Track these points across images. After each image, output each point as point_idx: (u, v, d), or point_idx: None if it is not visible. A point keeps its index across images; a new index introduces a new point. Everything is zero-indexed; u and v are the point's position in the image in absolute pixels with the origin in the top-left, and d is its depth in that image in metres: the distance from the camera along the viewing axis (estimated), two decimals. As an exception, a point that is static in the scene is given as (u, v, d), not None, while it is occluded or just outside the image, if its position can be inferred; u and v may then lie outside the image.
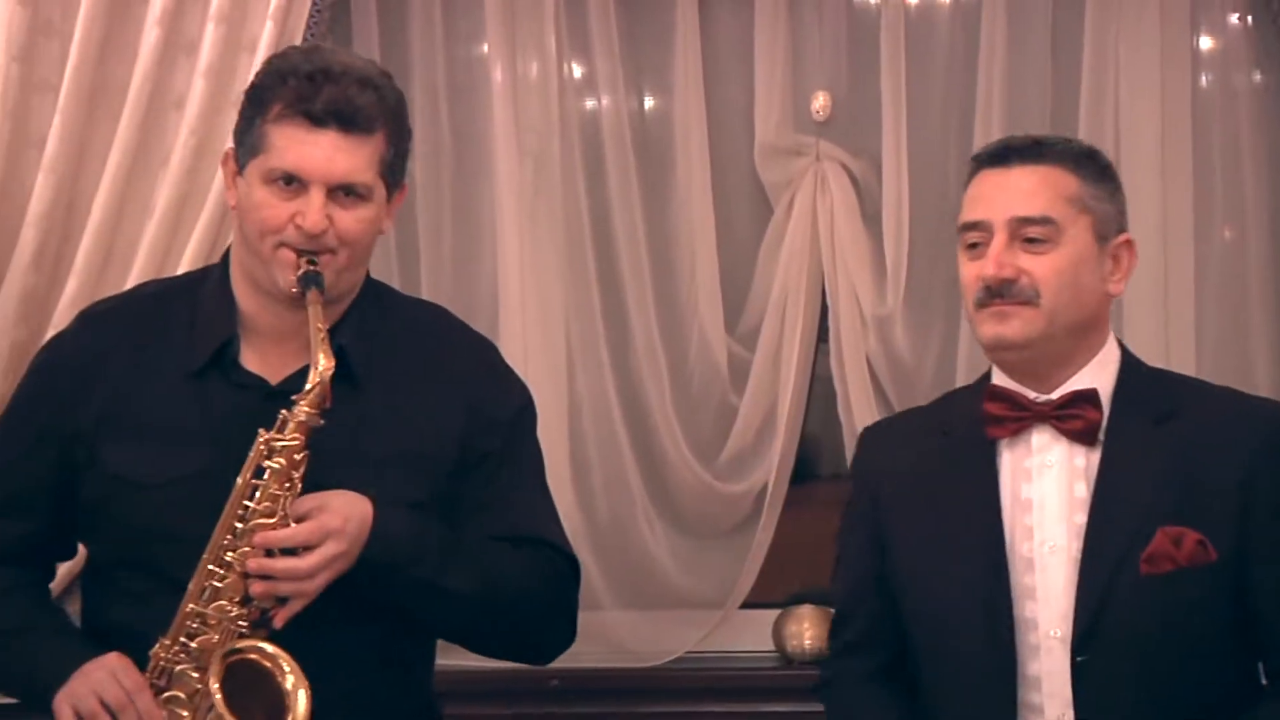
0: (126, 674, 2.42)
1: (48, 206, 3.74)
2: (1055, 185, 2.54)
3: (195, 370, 2.57)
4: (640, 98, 4.14)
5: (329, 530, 2.40)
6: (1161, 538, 2.43)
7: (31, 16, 3.74)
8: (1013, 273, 2.48)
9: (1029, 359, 2.53)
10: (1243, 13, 3.99)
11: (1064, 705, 2.44)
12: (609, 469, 4.08)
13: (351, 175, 2.50)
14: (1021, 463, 2.54)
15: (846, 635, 2.70)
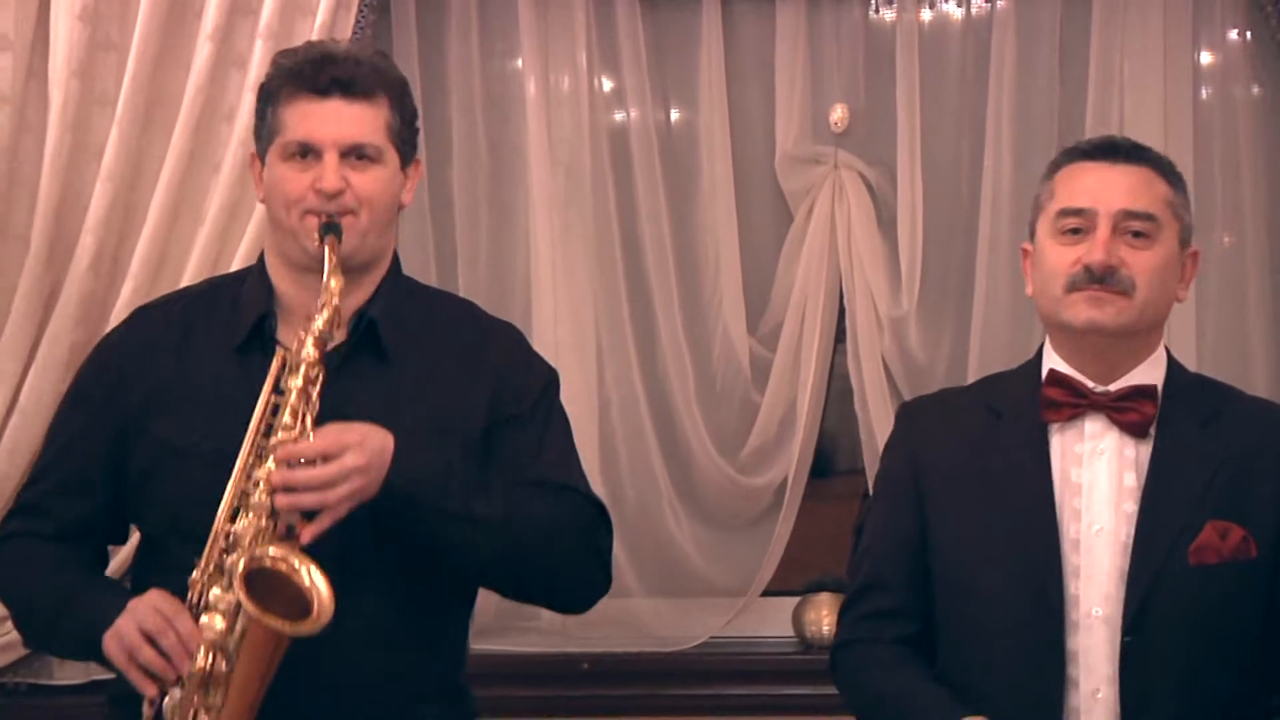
0: (165, 601, 2.42)
1: (105, 213, 3.78)
2: (1155, 187, 2.54)
3: (236, 346, 2.60)
4: (666, 110, 4.16)
5: (346, 442, 2.40)
6: (1210, 531, 2.45)
7: (91, 33, 3.78)
8: (1118, 261, 2.47)
9: (1109, 347, 2.52)
10: (1242, 29, 4.01)
11: (1100, 680, 2.44)
12: (636, 463, 4.10)
13: (360, 136, 2.55)
14: (1072, 448, 2.53)
15: (872, 604, 2.65)
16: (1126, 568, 2.44)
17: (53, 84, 3.79)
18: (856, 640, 2.65)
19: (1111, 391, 2.52)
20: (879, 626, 2.62)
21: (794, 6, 4.06)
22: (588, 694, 4.01)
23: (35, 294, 3.80)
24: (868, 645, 2.62)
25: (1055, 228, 2.53)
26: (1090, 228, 2.49)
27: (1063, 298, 2.49)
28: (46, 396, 3.75)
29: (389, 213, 2.62)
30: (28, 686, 3.88)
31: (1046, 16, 4.03)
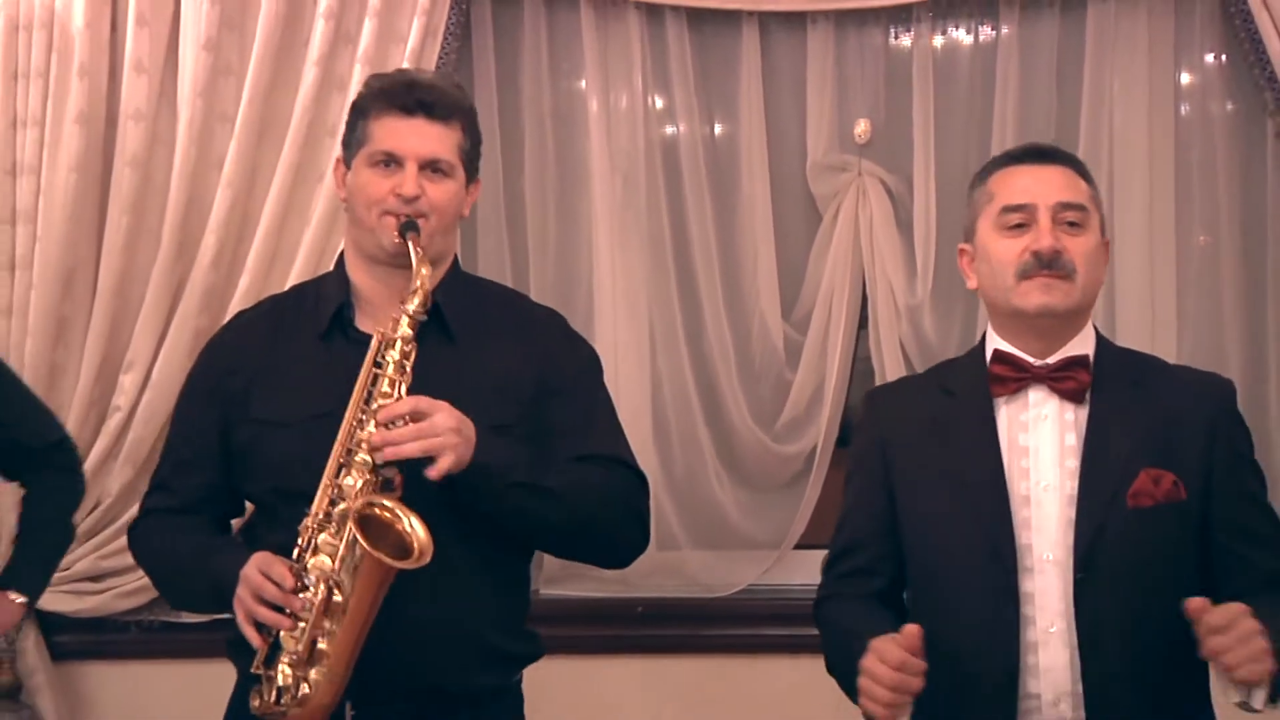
0: (262, 560, 2.45)
1: (225, 216, 3.90)
2: (1079, 183, 2.55)
3: (320, 334, 2.66)
4: (711, 124, 4.18)
5: (437, 405, 2.45)
6: (1144, 478, 2.45)
7: (213, 60, 3.89)
8: (1062, 247, 2.46)
9: (1052, 327, 2.52)
10: (1218, 52, 4.03)
11: (1054, 616, 2.43)
12: (684, 433, 4.15)
13: (437, 152, 2.62)
14: (1018, 416, 2.53)
15: (850, 563, 2.65)
16: (1073, 516, 2.45)
17: (181, 104, 3.91)
18: (835, 595, 2.66)
19: (1050, 364, 2.53)
20: (855, 582, 2.63)
21: (823, 32, 4.08)
22: (641, 634, 4.09)
23: (166, 285, 3.91)
24: (844, 599, 2.63)
25: (999, 224, 2.52)
26: (1031, 221, 2.49)
27: (1015, 286, 2.49)
28: (175, 372, 3.83)
29: (453, 221, 2.69)
30: (160, 624, 3.98)
31: (1044, 41, 4.05)
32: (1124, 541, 2.44)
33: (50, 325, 3.89)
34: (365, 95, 2.71)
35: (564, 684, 3.74)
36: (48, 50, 3.89)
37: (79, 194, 3.89)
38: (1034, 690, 2.45)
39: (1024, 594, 2.46)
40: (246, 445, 2.66)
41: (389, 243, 2.60)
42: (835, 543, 2.70)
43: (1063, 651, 2.43)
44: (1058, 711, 2.44)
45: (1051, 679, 2.44)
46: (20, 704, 3.92)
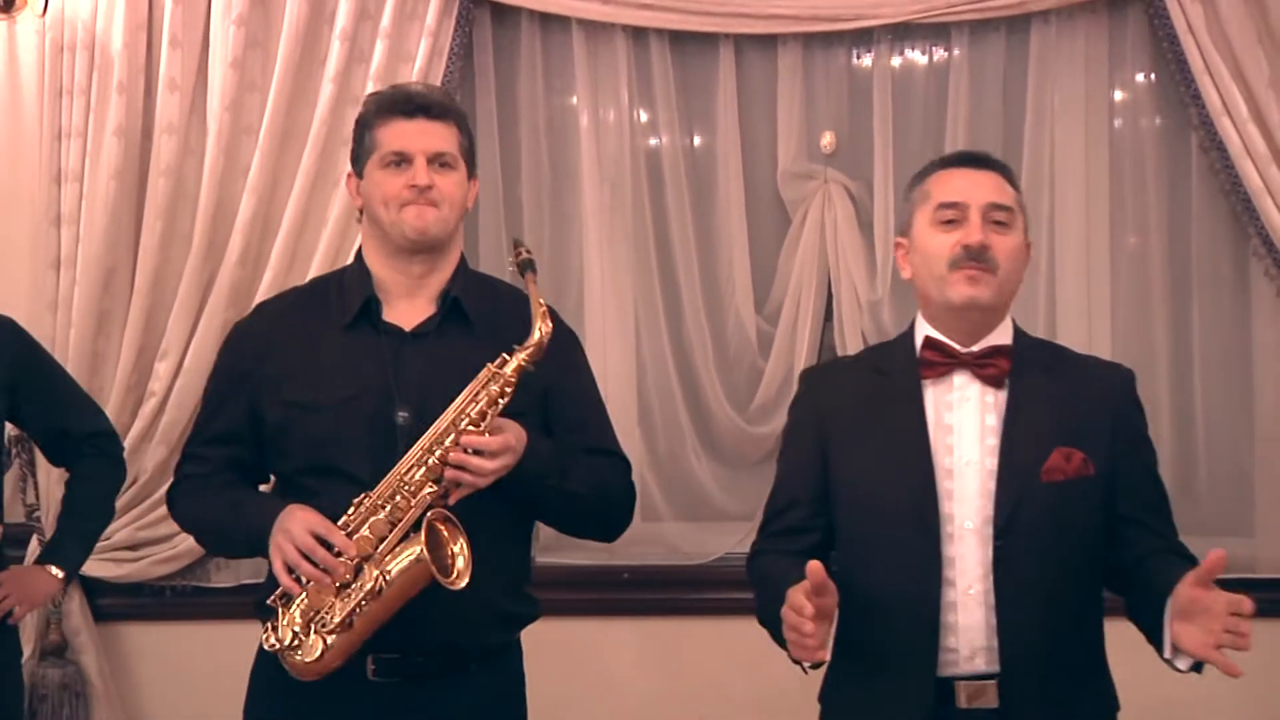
0: (319, 521, 2.49)
1: (250, 218, 3.95)
2: (1007, 188, 2.57)
3: (346, 324, 2.67)
4: (691, 136, 4.20)
5: (510, 448, 2.52)
6: (1057, 455, 2.49)
7: (240, 77, 3.95)
8: (990, 242, 2.49)
9: (979, 317, 2.54)
10: (1147, 71, 4.09)
11: (971, 579, 2.46)
12: (666, 415, 4.19)
13: (441, 146, 2.66)
14: (944, 397, 2.55)
15: (782, 524, 2.66)
16: (993, 488, 2.48)
17: (210, 117, 3.96)
18: (766, 550, 2.67)
19: (975, 352, 2.55)
20: (786, 539, 2.64)
21: (792, 53, 4.11)
22: (627, 597, 4.12)
23: (196, 282, 3.97)
24: (774, 554, 2.64)
25: (934, 219, 2.54)
26: (963, 218, 2.51)
27: (946, 275, 2.51)
28: (204, 361, 3.87)
29: (461, 210, 2.71)
30: (191, 588, 4.04)
31: (992, 62, 4.10)
32: (1038, 512, 2.47)
33: (92, 318, 3.94)
34: (368, 110, 2.74)
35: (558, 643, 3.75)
36: (89, 69, 3.94)
37: (118, 200, 3.94)
38: (952, 645, 2.48)
39: (946, 558, 2.49)
40: (280, 426, 2.68)
41: (410, 230, 2.63)
42: (770, 504, 2.73)
43: (979, 611, 2.47)
44: (973, 665, 2.48)
45: (969, 636, 2.47)
46: (66, 660, 4.00)
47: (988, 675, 2.48)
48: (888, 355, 2.71)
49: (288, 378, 2.68)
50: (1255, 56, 3.81)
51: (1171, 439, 4.05)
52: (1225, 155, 3.88)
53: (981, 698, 2.48)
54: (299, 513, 2.54)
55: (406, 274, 2.69)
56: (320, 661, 2.51)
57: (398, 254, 2.69)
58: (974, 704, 2.48)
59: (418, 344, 2.66)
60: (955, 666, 2.49)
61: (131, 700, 4.12)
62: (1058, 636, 2.48)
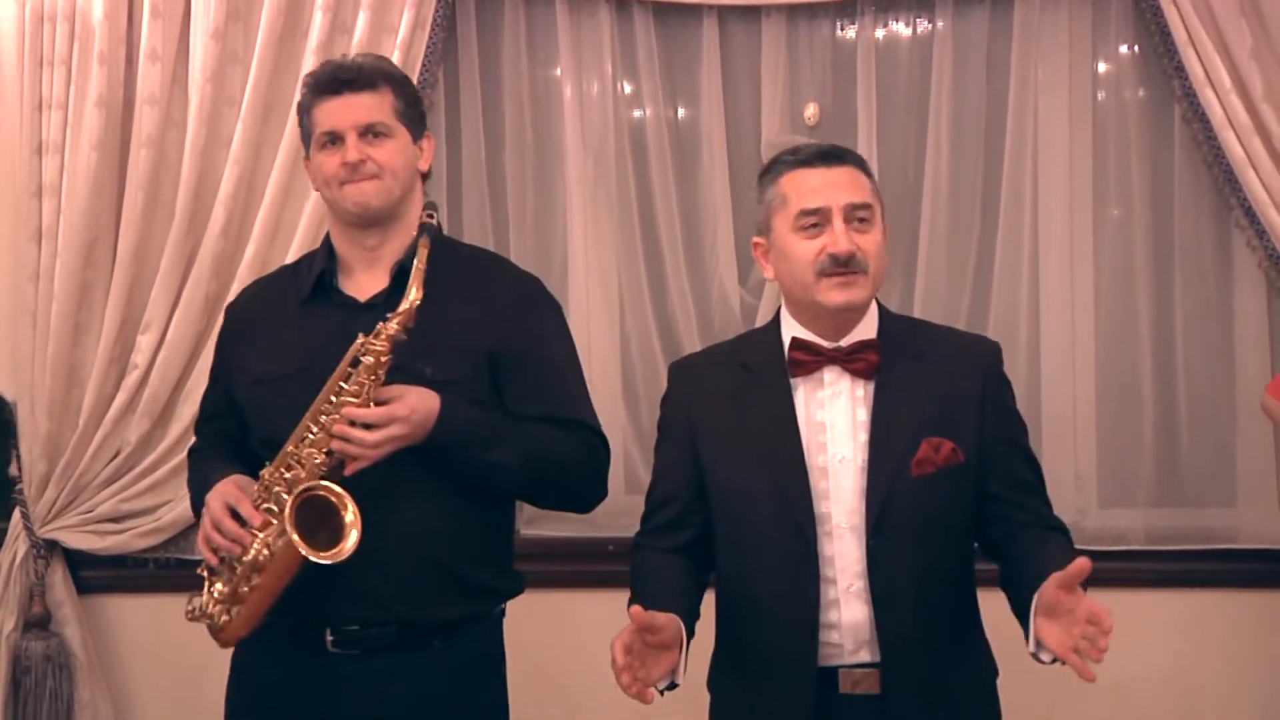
0: (233, 491, 2.57)
1: (233, 190, 3.91)
2: (863, 181, 2.55)
3: (304, 299, 2.72)
4: (675, 109, 4.18)
5: (395, 417, 2.51)
6: (925, 447, 2.48)
7: (221, 49, 3.91)
8: (855, 247, 2.47)
9: (851, 319, 2.53)
10: (1131, 43, 4.06)
11: (852, 577, 2.46)
12: (650, 388, 4.12)
13: (370, 117, 2.65)
14: (814, 394, 2.53)
15: (658, 519, 2.67)
16: (865, 486, 2.47)
17: (192, 88, 3.92)
18: (644, 546, 2.67)
19: (843, 347, 2.53)
20: (662, 535, 2.65)
21: (776, 25, 4.09)
22: (612, 569, 3.73)
23: (179, 253, 3.93)
24: (650, 550, 2.65)
25: (795, 225, 2.51)
26: (825, 222, 2.48)
27: (814, 283, 2.48)
28: (187, 334, 3.91)
29: (409, 175, 2.71)
30: (175, 560, 4.01)
31: (976, 34, 4.07)
32: (909, 507, 2.47)
33: (74, 290, 3.91)
34: (304, 92, 2.76)
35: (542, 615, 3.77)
36: (70, 40, 3.90)
37: (99, 171, 3.90)
38: (835, 640, 2.49)
39: (824, 557, 2.49)
40: (245, 403, 2.75)
41: (352, 205, 2.65)
42: (649, 499, 2.72)
43: (861, 607, 2.47)
44: (857, 657, 2.49)
45: (852, 632, 2.48)
46: (50, 632, 3.99)
47: (871, 664, 2.49)
48: (753, 350, 2.66)
49: (253, 355, 2.75)
50: (1239, 28, 3.78)
51: (1154, 410, 4.05)
52: (1208, 127, 3.86)
53: (864, 684, 2.50)
54: (222, 485, 2.60)
55: (362, 246, 2.72)
56: (225, 631, 2.60)
57: (350, 228, 2.72)
58: (857, 690, 2.50)
59: (371, 315, 2.63)
60: (840, 659, 2.50)
61: (115, 672, 4.11)
62: (934, 622, 2.49)
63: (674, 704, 4.02)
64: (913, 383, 2.52)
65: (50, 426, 3.90)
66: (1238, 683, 3.98)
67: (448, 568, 2.63)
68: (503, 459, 2.63)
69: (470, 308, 2.69)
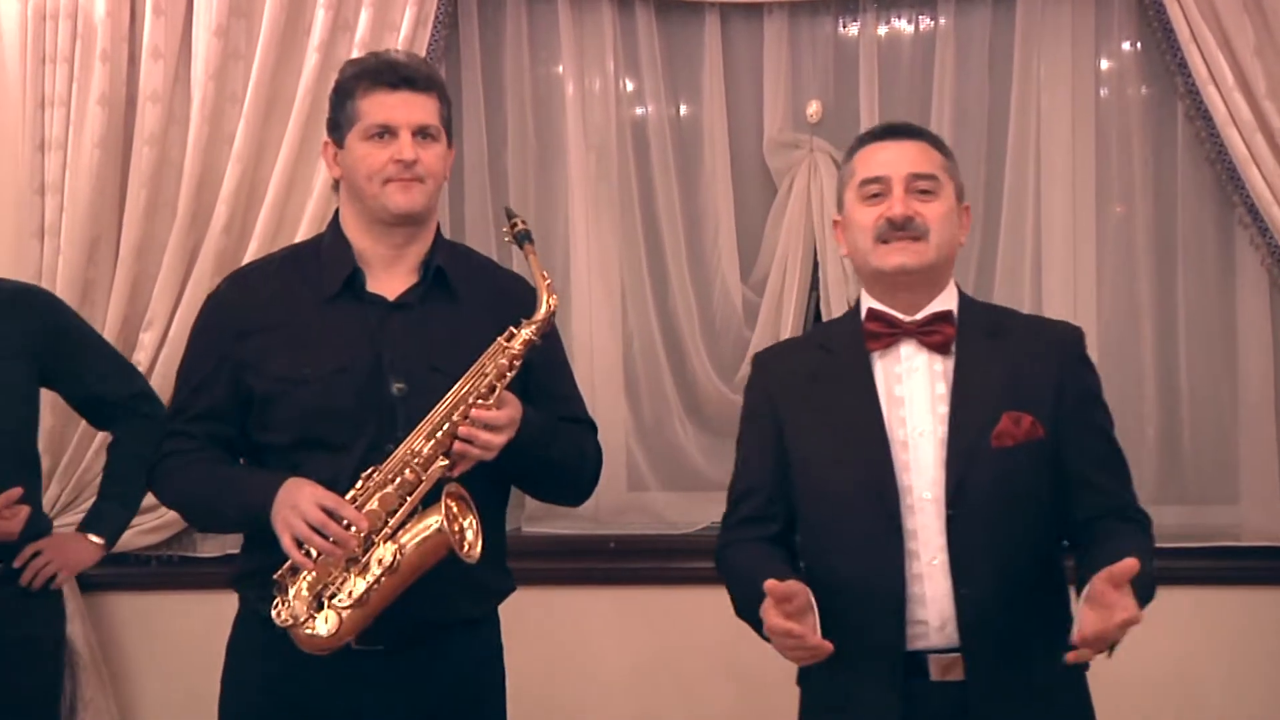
0: (326, 496, 2.48)
1: (235, 187, 3.89)
2: (932, 155, 2.58)
3: (329, 297, 2.66)
4: (677, 106, 4.17)
5: (514, 421, 2.55)
6: (1006, 420, 2.49)
7: (224, 45, 3.89)
8: (913, 212, 2.50)
9: (914, 285, 2.55)
10: (1134, 40, 4.05)
11: (935, 550, 2.46)
12: (652, 384, 4.17)
13: (425, 119, 2.65)
14: (892, 369, 2.55)
15: (742, 513, 2.67)
16: (945, 458, 2.48)
17: (194, 86, 3.90)
18: (732, 542, 2.67)
19: (918, 320, 2.56)
20: (751, 528, 2.65)
21: (778, 23, 4.09)
22: (613, 567, 4.11)
23: (181, 251, 3.92)
24: (741, 544, 2.64)
25: (859, 195, 2.57)
26: (887, 191, 2.54)
27: (874, 249, 2.53)
28: (190, 331, 3.87)
29: (442, 181, 2.72)
30: (178, 558, 4.02)
31: (978, 31, 4.07)
32: (990, 479, 2.47)
33: (77, 287, 3.89)
34: (348, 78, 2.71)
35: (544, 612, 3.80)
36: (72, 37, 3.88)
37: (102, 168, 3.89)
38: (922, 617, 2.48)
39: (907, 531, 2.49)
40: (267, 400, 2.65)
41: (393, 205, 2.62)
42: (732, 492, 2.73)
43: (945, 581, 2.47)
44: (944, 635, 2.48)
45: (937, 607, 2.47)
46: (53, 629, 3.96)
47: (957, 648, 2.48)
48: (834, 332, 2.72)
49: (273, 350, 2.65)
50: (1241, 24, 3.77)
51: (1156, 407, 4.05)
52: (1211, 124, 3.84)
53: (953, 670, 2.48)
54: (305, 487, 2.52)
55: (387, 244, 2.68)
56: (335, 636, 2.51)
57: (377, 225, 2.68)
58: (946, 676, 2.48)
59: (402, 314, 2.64)
60: (926, 639, 2.49)
61: (118, 669, 4.09)
62: (1015, 602, 2.47)
63: (676, 705, 4.08)
64: (991, 358, 2.55)
65: (53, 423, 3.86)
66: (1241, 679, 3.97)
67: (467, 568, 2.59)
68: (556, 456, 2.68)
69: (489, 313, 2.67)
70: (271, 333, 2.67)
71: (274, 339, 2.67)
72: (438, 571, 2.56)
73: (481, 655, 2.75)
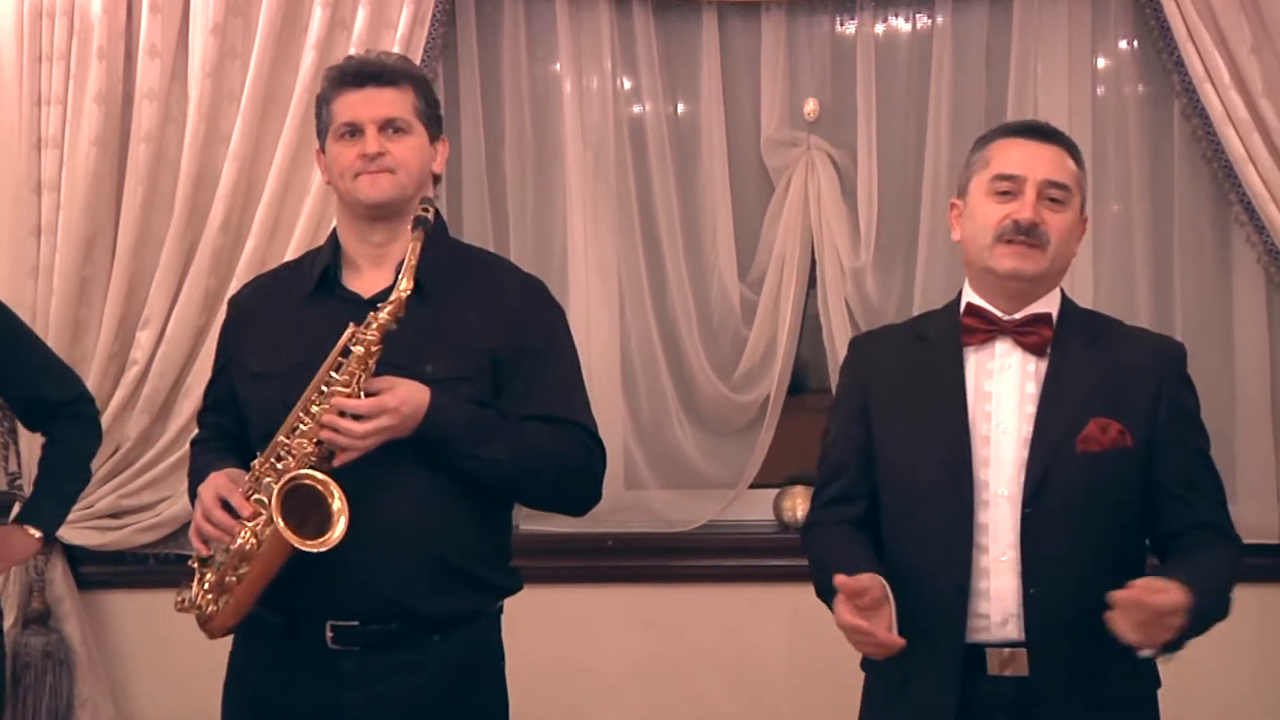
0: (224, 483, 2.54)
1: (232, 186, 3.90)
2: (1068, 164, 2.56)
3: (307, 294, 2.68)
4: (674, 104, 4.17)
5: (385, 408, 2.48)
6: (1093, 425, 2.48)
7: (220, 44, 3.89)
8: (1040, 220, 2.48)
9: (1023, 288, 2.53)
10: (1130, 38, 4.06)
11: (1004, 546, 2.46)
12: (650, 383, 4.16)
13: (391, 112, 2.63)
14: (985, 364, 2.55)
15: (830, 492, 2.67)
16: (1027, 457, 2.48)
17: (191, 84, 3.90)
18: (818, 522, 2.68)
19: (1016, 319, 2.55)
20: (837, 509, 2.65)
21: (775, 21, 4.08)
22: (611, 565, 4.11)
23: (178, 249, 3.92)
24: (826, 526, 2.65)
25: (990, 189, 2.53)
26: (1019, 191, 2.50)
27: (992, 247, 2.51)
28: (186, 329, 3.90)
29: (423, 175, 2.69)
30: (174, 556, 3.97)
31: (975, 29, 4.06)
32: (1070, 481, 2.46)
33: (73, 286, 3.89)
34: (325, 85, 2.73)
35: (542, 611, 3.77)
36: (69, 35, 3.88)
37: (99, 166, 3.89)
38: (984, 611, 2.48)
39: (979, 525, 2.49)
40: (244, 397, 2.71)
41: (364, 197, 2.63)
42: (821, 472, 2.73)
43: (1012, 579, 2.47)
44: (1005, 631, 2.47)
45: (1001, 603, 2.47)
46: (49, 628, 3.97)
47: (1019, 643, 2.47)
48: (932, 322, 2.71)
49: (254, 349, 2.71)
50: (1238, 22, 3.77)
51: (1153, 405, 4.04)
52: (1207, 122, 3.84)
53: (1012, 665, 2.48)
54: (214, 476, 2.57)
55: (369, 242, 2.69)
56: (213, 622, 2.58)
57: (360, 223, 2.69)
58: (1005, 671, 2.48)
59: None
60: (987, 633, 2.49)
61: (115, 668, 4.09)
62: (1089, 607, 2.38)
63: (675, 703, 4.08)
64: (1087, 364, 2.53)
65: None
66: (1238, 677, 3.97)
67: (449, 563, 2.59)
68: (492, 455, 2.59)
69: (474, 308, 2.67)
70: (254, 330, 2.73)
71: (255, 337, 2.72)
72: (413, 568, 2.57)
73: (473, 657, 2.71)
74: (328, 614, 2.57)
